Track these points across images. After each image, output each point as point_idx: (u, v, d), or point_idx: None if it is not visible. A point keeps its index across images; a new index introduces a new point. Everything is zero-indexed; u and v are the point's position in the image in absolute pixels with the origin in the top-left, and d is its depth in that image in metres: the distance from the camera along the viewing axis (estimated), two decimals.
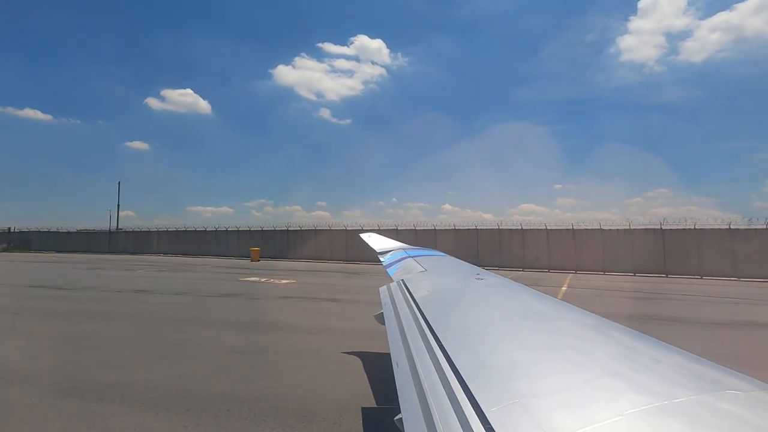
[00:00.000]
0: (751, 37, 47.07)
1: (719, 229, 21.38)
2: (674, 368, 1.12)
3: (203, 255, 36.25)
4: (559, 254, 25.61)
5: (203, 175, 69.50)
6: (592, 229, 25.22)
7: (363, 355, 6.25)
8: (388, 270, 4.30)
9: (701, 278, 20.99)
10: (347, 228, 32.29)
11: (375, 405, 4.63)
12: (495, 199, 59.32)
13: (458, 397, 1.11)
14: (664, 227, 22.63)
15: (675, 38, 53.25)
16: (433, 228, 30.45)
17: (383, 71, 63.17)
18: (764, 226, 19.70)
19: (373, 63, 63.11)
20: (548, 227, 26.77)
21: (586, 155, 60.61)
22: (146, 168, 65.72)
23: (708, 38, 49.76)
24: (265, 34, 70.82)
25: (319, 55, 69.29)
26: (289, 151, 68.67)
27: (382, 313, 2.60)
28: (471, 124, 66.38)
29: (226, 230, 37.62)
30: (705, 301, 14.03)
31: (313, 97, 62.94)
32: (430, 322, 1.85)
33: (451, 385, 1.19)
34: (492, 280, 2.78)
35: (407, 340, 1.76)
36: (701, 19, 50.86)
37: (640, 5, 56.00)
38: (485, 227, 28.56)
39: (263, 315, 10.22)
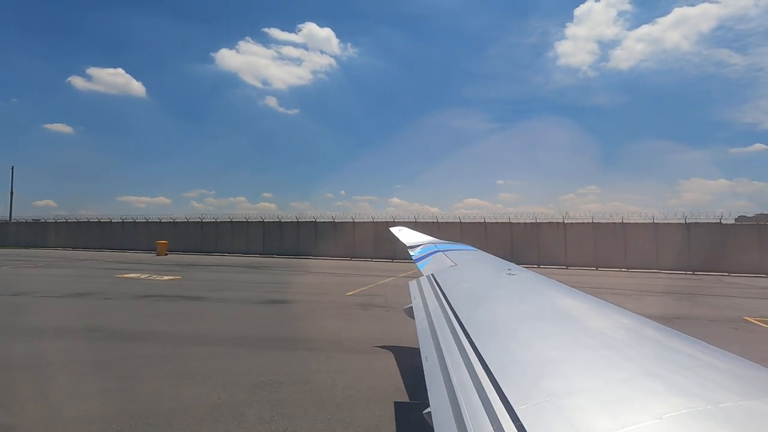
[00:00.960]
0: (670, 48, 52.50)
1: (643, 223, 22.86)
2: (718, 371, 1.06)
3: (107, 249, 33.12)
4: (496, 245, 25.23)
5: (137, 162, 63.07)
6: (529, 223, 25.55)
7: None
8: (418, 264, 4.29)
9: (627, 270, 21.96)
10: (264, 220, 30.70)
11: (408, 400, 4.62)
12: (441, 193, 61.85)
13: (488, 393, 1.10)
14: (595, 221, 24.00)
15: (606, 46, 57.56)
16: (372, 221, 28.61)
17: (332, 61, 61.15)
18: (682, 221, 21.76)
19: (322, 52, 61.21)
20: (486, 221, 26.51)
21: (526, 153, 62.85)
22: (70, 153, 59.20)
23: (634, 48, 54.10)
24: (208, 14, 65.84)
25: (266, 41, 64.88)
26: (232, 139, 64.55)
27: (411, 306, 2.61)
28: (419, 119, 65.57)
29: (134, 222, 34.16)
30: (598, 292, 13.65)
31: (259, 84, 59.84)
32: (460, 317, 1.84)
33: (480, 381, 1.18)
34: (524, 275, 2.72)
35: (436, 335, 1.76)
36: (629, 30, 55.35)
37: (576, 12, 59.91)
38: (423, 220, 27.82)
39: (86, 319, 8.72)
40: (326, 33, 60.85)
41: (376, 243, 27.54)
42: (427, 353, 1.61)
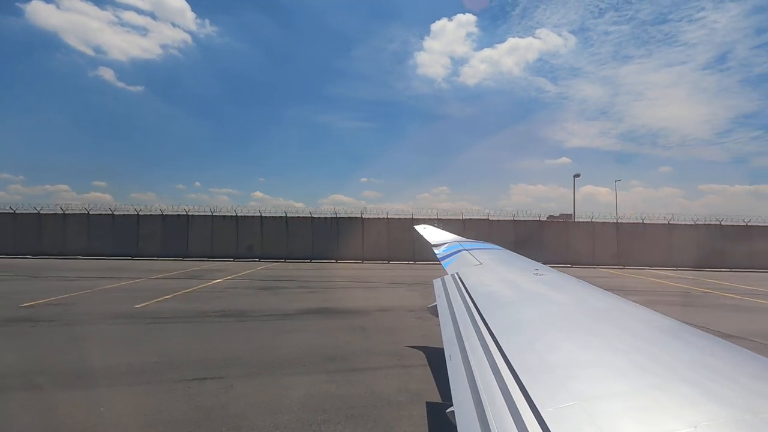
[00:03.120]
0: (505, 71, 61.32)
1: (479, 219, 26.68)
2: (757, 379, 1.01)
3: None
4: (347, 243, 26.44)
5: None
6: (380, 218, 26.89)
7: None
8: (443, 263, 4.27)
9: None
10: (40, 212, 25.48)
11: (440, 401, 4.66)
12: (307, 189, 61.49)
13: (512, 394, 1.08)
14: (440, 217, 26.86)
15: (457, 62, 62.71)
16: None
17: (187, 37, 54.71)
18: (511, 218, 26.66)
19: (175, 25, 54.42)
20: (338, 215, 26.95)
21: (388, 152, 65.45)
22: None
23: (478, 67, 62.20)
24: None
25: (99, 0, 52.57)
26: (51, 114, 52.50)
27: (436, 305, 2.59)
28: (284, 111, 63.34)
29: None
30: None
31: (90, 52, 49.97)
32: (485, 317, 1.82)
33: (505, 381, 1.16)
34: (551, 275, 2.66)
35: (461, 334, 1.74)
36: (475, 50, 62.27)
37: (432, 27, 64.43)
38: (268, 214, 26.97)
39: None
40: (180, 4, 54.25)
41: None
42: (451, 352, 1.60)
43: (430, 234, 6.80)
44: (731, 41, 54.22)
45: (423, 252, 24.61)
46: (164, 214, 26.45)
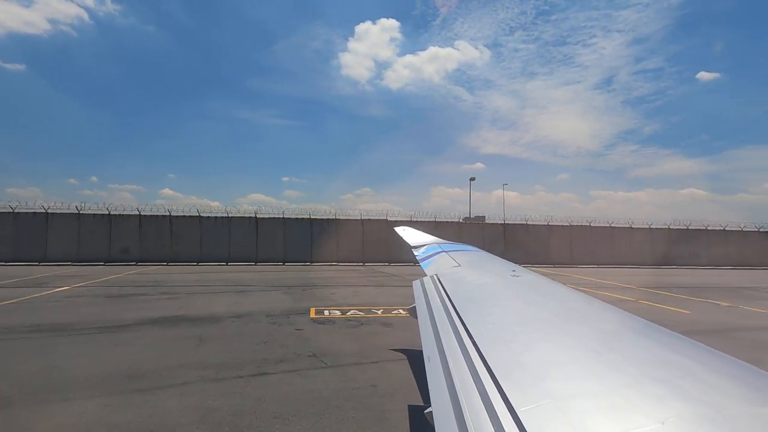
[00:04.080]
0: (426, 78, 62.89)
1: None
2: (724, 376, 1.05)
3: None
4: (240, 244, 25.48)
5: None
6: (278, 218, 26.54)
7: None
8: (422, 264, 4.29)
9: (364, 265, 26.06)
10: None
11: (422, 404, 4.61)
12: (224, 187, 59.65)
13: (490, 394, 1.09)
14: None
15: (381, 66, 64.31)
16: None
17: (84, 14, 49.05)
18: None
19: None
20: (230, 215, 25.79)
21: (311, 152, 65.91)
22: None
23: (402, 72, 63.38)
24: None
25: None
26: None
27: (415, 306, 2.60)
28: (198, 104, 59.52)
29: None
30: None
31: None
32: (463, 318, 1.84)
33: (483, 382, 1.17)
34: (528, 276, 2.71)
35: (439, 335, 1.75)
36: (398, 56, 63.07)
37: (357, 29, 64.37)
38: (148, 213, 24.82)
39: None
40: None
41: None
42: (430, 353, 1.61)
43: (410, 236, 6.82)
44: (616, 66, 61.89)
45: (320, 253, 25.54)
46: (16, 211, 23.07)
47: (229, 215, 25.49)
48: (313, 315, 9.67)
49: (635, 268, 27.77)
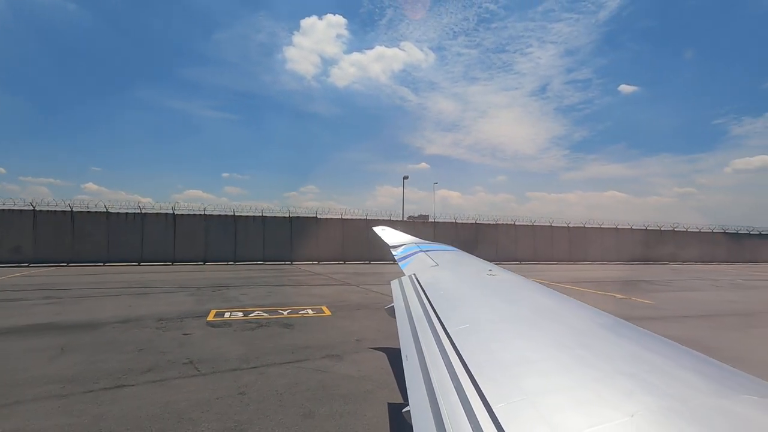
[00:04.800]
0: (373, 77, 63.92)
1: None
2: (689, 371, 1.10)
3: None
4: (154, 242, 23.72)
5: None
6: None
7: None
8: (400, 264, 4.30)
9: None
10: None
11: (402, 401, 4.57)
12: (158, 182, 55.39)
13: (467, 392, 1.11)
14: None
15: (327, 62, 64.36)
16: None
17: None
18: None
19: None
20: (144, 210, 23.84)
21: (253, 148, 65.08)
22: None
23: (348, 70, 63.88)
24: None
25: None
26: None
27: (393, 306, 2.61)
28: (126, 90, 54.92)
29: None
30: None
31: None
32: (441, 317, 1.85)
33: (459, 380, 1.19)
34: (504, 275, 2.76)
35: (417, 334, 1.76)
36: (345, 53, 63.60)
37: (302, 23, 64.56)
38: (43, 208, 21.98)
39: None
40: None
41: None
42: (408, 352, 1.61)
43: (389, 236, 6.83)
44: (550, 75, 65.98)
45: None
46: None
47: (142, 210, 23.26)
48: (211, 318, 9.02)
49: (563, 264, 30.16)
